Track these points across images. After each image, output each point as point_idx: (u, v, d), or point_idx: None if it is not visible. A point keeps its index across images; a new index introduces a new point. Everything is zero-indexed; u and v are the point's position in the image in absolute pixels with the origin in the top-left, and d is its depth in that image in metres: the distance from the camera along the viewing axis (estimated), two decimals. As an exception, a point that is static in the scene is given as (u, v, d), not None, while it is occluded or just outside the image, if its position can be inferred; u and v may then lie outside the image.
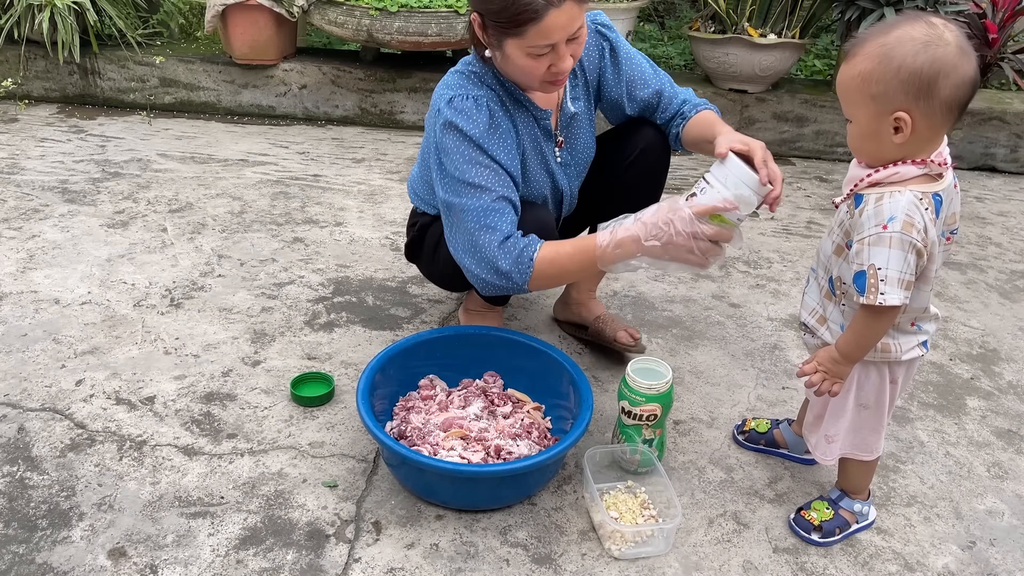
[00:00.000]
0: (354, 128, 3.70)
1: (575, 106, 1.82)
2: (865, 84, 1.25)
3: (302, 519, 1.58)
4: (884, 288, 1.27)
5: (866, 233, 1.28)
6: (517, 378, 1.87)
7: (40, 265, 2.42)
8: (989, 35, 3.83)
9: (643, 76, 1.85)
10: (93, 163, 3.15)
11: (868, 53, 1.25)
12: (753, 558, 1.55)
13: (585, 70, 1.83)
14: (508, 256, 1.61)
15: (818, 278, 1.50)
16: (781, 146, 3.62)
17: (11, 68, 3.70)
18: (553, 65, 1.58)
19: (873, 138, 1.30)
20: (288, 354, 2.07)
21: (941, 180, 1.32)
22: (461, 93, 1.66)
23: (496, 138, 1.67)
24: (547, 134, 1.82)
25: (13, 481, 1.64)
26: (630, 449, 1.69)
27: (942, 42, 1.21)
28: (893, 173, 1.29)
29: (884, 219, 1.27)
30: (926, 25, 1.22)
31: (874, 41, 1.25)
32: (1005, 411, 2.00)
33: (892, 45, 1.23)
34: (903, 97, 1.23)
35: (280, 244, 2.62)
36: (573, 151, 1.88)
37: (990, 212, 3.17)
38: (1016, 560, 1.58)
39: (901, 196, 1.27)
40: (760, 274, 2.59)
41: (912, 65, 1.21)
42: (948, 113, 1.24)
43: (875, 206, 1.28)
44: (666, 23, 4.92)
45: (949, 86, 1.22)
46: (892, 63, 1.22)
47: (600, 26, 1.82)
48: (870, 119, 1.28)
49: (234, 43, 3.58)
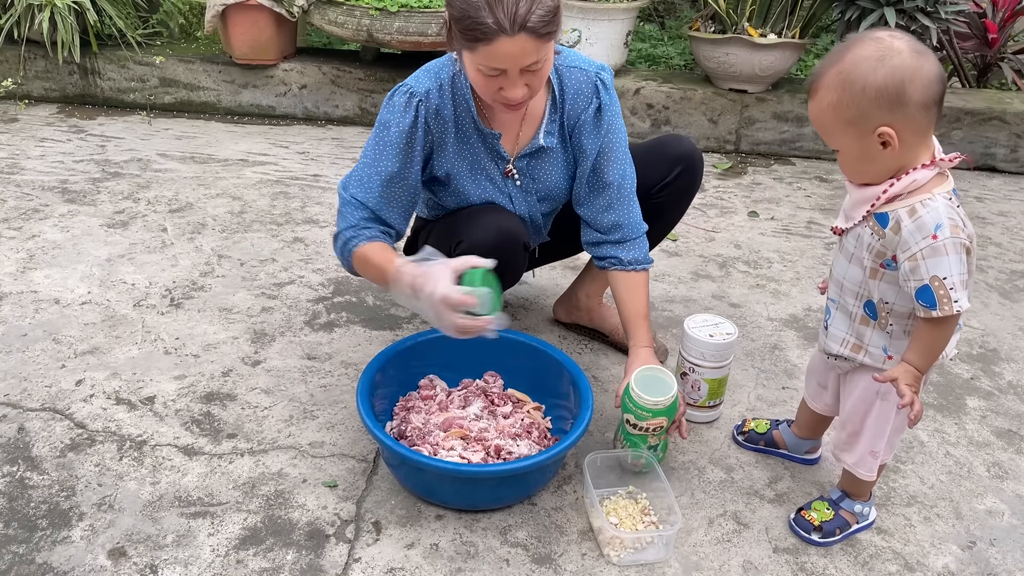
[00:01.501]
0: (354, 128, 3.70)
1: (547, 140, 1.77)
2: (838, 113, 1.28)
3: (302, 519, 1.58)
4: (956, 295, 1.27)
5: (916, 248, 1.28)
6: (517, 378, 1.87)
7: (40, 265, 2.42)
8: (989, 35, 3.84)
9: (614, 154, 1.79)
10: (93, 163, 3.15)
11: (828, 84, 1.28)
12: (753, 558, 1.55)
13: (566, 112, 1.77)
14: (338, 243, 1.72)
15: (845, 307, 1.47)
16: (781, 146, 3.62)
17: (11, 68, 3.70)
18: (504, 89, 1.55)
19: (866, 159, 1.31)
20: (288, 354, 2.07)
21: (949, 177, 1.32)
22: (409, 84, 1.71)
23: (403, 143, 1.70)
24: (495, 154, 1.78)
25: (13, 481, 1.64)
26: (633, 455, 1.68)
27: (894, 52, 1.24)
28: (911, 182, 1.30)
29: (931, 229, 1.27)
30: (874, 42, 1.25)
31: (831, 71, 1.28)
32: (1005, 411, 2.00)
33: (849, 70, 1.25)
34: (879, 113, 1.25)
35: (280, 244, 2.62)
36: (536, 183, 1.83)
37: (990, 212, 3.17)
38: (1016, 560, 1.58)
39: (934, 202, 1.28)
40: (760, 274, 2.59)
41: (875, 82, 1.23)
42: (927, 113, 1.26)
43: (914, 220, 1.28)
44: (666, 23, 4.92)
45: (918, 89, 1.24)
46: (855, 86, 1.25)
47: (600, 83, 1.76)
48: (855, 143, 1.30)
49: (234, 43, 3.58)
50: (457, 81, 1.71)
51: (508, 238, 1.74)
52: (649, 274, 1.86)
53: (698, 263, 2.64)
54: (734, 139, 3.62)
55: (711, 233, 2.86)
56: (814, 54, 4.41)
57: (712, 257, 2.68)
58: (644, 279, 1.83)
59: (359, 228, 1.70)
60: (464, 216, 1.79)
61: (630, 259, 1.83)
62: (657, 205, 1.93)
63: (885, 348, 1.44)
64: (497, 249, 1.68)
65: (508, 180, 1.81)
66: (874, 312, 1.43)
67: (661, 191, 1.93)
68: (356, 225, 1.70)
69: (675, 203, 1.97)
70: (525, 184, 1.83)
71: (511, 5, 1.44)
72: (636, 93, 3.55)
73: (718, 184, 3.30)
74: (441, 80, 1.71)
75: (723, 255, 2.70)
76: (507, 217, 1.78)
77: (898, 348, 1.43)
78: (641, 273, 1.83)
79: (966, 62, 4.04)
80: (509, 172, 1.80)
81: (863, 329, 1.45)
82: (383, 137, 1.71)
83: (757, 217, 3.01)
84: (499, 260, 1.60)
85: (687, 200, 1.99)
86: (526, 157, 1.80)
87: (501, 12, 1.44)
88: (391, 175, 1.70)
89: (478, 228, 1.73)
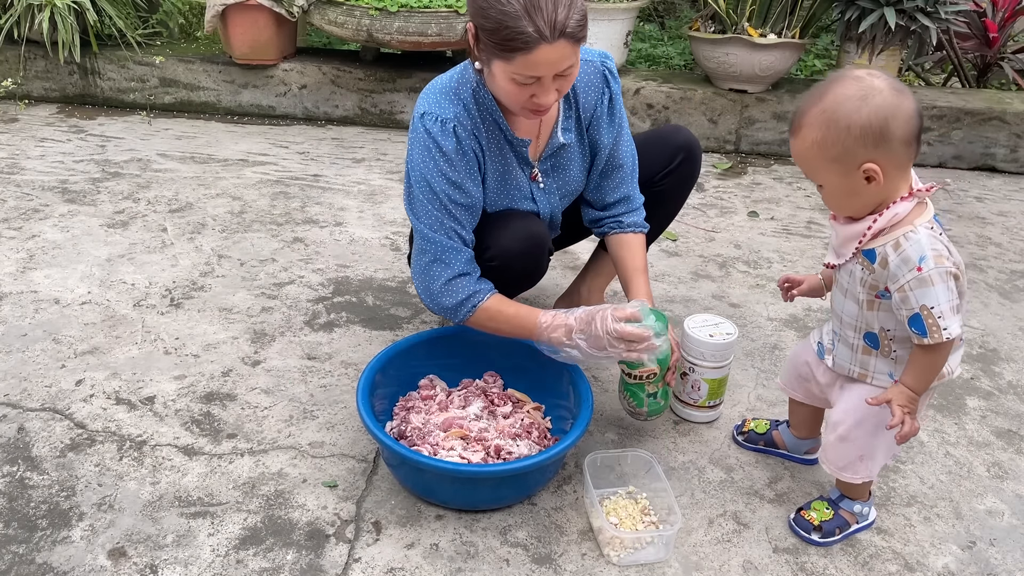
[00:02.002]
0: (354, 128, 3.70)
1: (565, 137, 1.77)
2: (823, 151, 1.31)
3: (302, 519, 1.58)
4: (944, 323, 1.30)
5: (903, 280, 1.32)
6: (517, 378, 1.87)
7: (40, 265, 2.42)
8: (989, 35, 3.84)
9: (623, 143, 1.85)
10: (93, 163, 3.15)
11: (812, 122, 1.31)
12: (753, 558, 1.55)
13: (580, 106, 1.77)
14: (454, 296, 1.68)
15: (846, 339, 1.50)
16: (781, 146, 3.62)
17: (11, 68, 3.70)
18: (536, 96, 1.54)
19: (851, 194, 1.34)
20: (288, 354, 2.07)
21: (929, 205, 1.36)
22: (433, 111, 1.65)
23: (461, 163, 1.66)
24: (523, 161, 1.78)
25: (13, 481, 1.64)
26: (636, 402, 1.73)
27: (875, 90, 1.27)
28: (893, 215, 1.33)
29: (916, 262, 1.30)
30: (854, 80, 1.28)
31: (813, 109, 1.30)
32: (1005, 411, 2.00)
33: (832, 108, 1.28)
34: (863, 151, 1.28)
35: (280, 244, 2.62)
36: (558, 181, 1.85)
37: (990, 212, 3.17)
38: (1016, 560, 1.58)
39: (916, 235, 1.32)
40: (760, 274, 2.59)
41: (859, 120, 1.27)
42: (907, 148, 1.30)
43: (898, 254, 1.32)
44: (666, 23, 4.92)
45: (900, 125, 1.27)
46: (840, 124, 1.28)
47: (608, 72, 1.78)
48: (840, 179, 1.33)
49: (234, 43, 3.58)
50: (479, 96, 1.68)
51: (535, 244, 1.76)
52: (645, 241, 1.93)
53: (698, 263, 2.64)
54: (734, 139, 3.62)
55: (711, 233, 2.86)
56: (814, 54, 4.41)
57: (712, 257, 2.68)
58: (642, 240, 1.89)
59: (472, 279, 1.69)
60: (490, 222, 1.77)
61: (629, 222, 1.89)
62: (659, 193, 1.98)
63: (891, 374, 1.46)
64: (525, 255, 1.73)
65: (534, 184, 1.82)
66: (875, 342, 1.46)
67: (663, 179, 1.98)
68: (467, 274, 1.68)
69: (677, 190, 2.02)
70: (548, 185, 1.84)
71: (550, 13, 1.44)
72: (636, 93, 3.55)
73: (718, 184, 3.30)
74: (464, 101, 1.67)
75: (723, 255, 2.70)
76: (533, 222, 1.79)
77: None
78: (639, 235, 1.89)
79: (966, 62, 4.05)
80: (535, 176, 1.81)
81: (866, 359, 1.48)
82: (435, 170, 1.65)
83: (757, 217, 3.01)
84: (526, 266, 1.67)
85: (688, 188, 2.04)
86: (549, 158, 1.81)
87: (541, 20, 1.44)
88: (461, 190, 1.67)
89: (506, 235, 1.73)
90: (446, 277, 1.67)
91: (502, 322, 1.69)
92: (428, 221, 1.67)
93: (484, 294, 1.69)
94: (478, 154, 1.71)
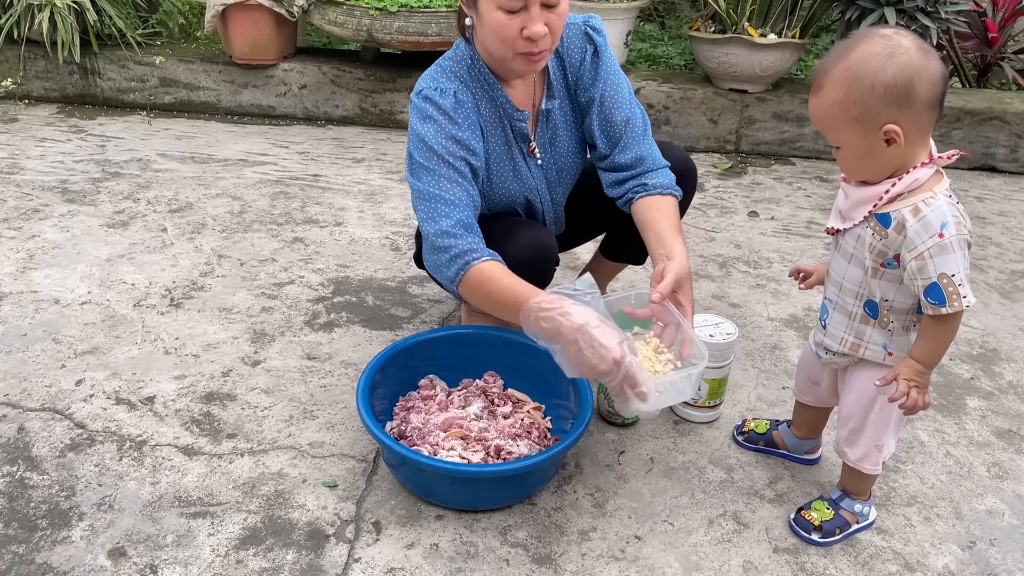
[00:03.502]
0: (354, 128, 3.70)
1: (548, 103, 1.78)
2: (844, 110, 1.27)
3: (302, 519, 1.58)
4: (964, 291, 1.28)
5: (923, 247, 1.29)
6: (517, 378, 1.87)
7: (40, 265, 2.42)
8: (989, 35, 3.84)
9: (619, 96, 1.79)
10: (93, 163, 3.15)
11: (835, 80, 1.27)
12: (753, 558, 1.55)
13: (566, 68, 1.79)
14: (448, 250, 1.59)
15: (844, 307, 1.47)
16: (781, 146, 3.62)
17: (11, 68, 3.70)
18: (526, 28, 1.54)
19: (869, 156, 1.31)
20: (288, 354, 2.07)
21: (944, 175, 1.33)
22: (430, 85, 1.67)
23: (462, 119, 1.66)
24: (521, 136, 1.78)
25: (13, 481, 1.64)
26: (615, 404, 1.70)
27: (902, 49, 1.23)
28: (912, 180, 1.30)
29: (937, 228, 1.27)
30: (881, 39, 1.25)
31: (837, 67, 1.27)
32: (1005, 411, 2.00)
33: (857, 66, 1.25)
34: (886, 111, 1.25)
35: (280, 244, 2.62)
36: (553, 155, 1.84)
37: (990, 212, 3.17)
38: (1016, 560, 1.58)
39: (937, 200, 1.29)
40: (760, 274, 2.59)
41: (884, 79, 1.23)
42: (931, 111, 1.27)
43: (919, 219, 1.29)
44: (666, 23, 4.92)
45: (925, 86, 1.24)
46: (864, 83, 1.24)
47: (590, 29, 1.78)
48: (859, 140, 1.29)
49: (234, 43, 3.58)
50: (474, 71, 1.70)
51: (542, 255, 1.74)
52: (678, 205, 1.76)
53: (698, 263, 2.64)
54: (734, 139, 3.62)
55: (711, 233, 2.86)
56: (814, 54, 4.41)
57: (712, 257, 2.68)
58: (673, 204, 1.74)
59: (472, 235, 1.61)
60: (497, 230, 1.75)
61: (655, 183, 1.76)
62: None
63: (885, 345, 1.44)
64: (531, 266, 1.69)
65: (531, 160, 1.82)
66: (875, 311, 1.43)
67: None
68: (467, 227, 1.60)
69: None
70: (545, 160, 1.83)
71: None
72: (636, 93, 3.54)
73: (718, 184, 3.30)
74: (460, 76, 1.70)
75: (723, 255, 2.70)
76: (541, 232, 1.77)
77: (898, 345, 1.43)
78: (668, 197, 1.75)
79: (966, 62, 4.04)
80: (532, 151, 1.81)
81: (863, 328, 1.46)
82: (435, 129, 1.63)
83: (757, 217, 3.01)
84: (532, 277, 1.59)
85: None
86: (543, 131, 1.81)
87: None
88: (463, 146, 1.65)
89: (513, 244, 1.70)
90: (443, 228, 1.59)
91: (494, 288, 1.55)
92: (428, 179, 1.63)
93: (482, 254, 1.59)
94: (477, 121, 1.71)
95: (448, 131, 1.64)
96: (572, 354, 1.41)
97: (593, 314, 1.42)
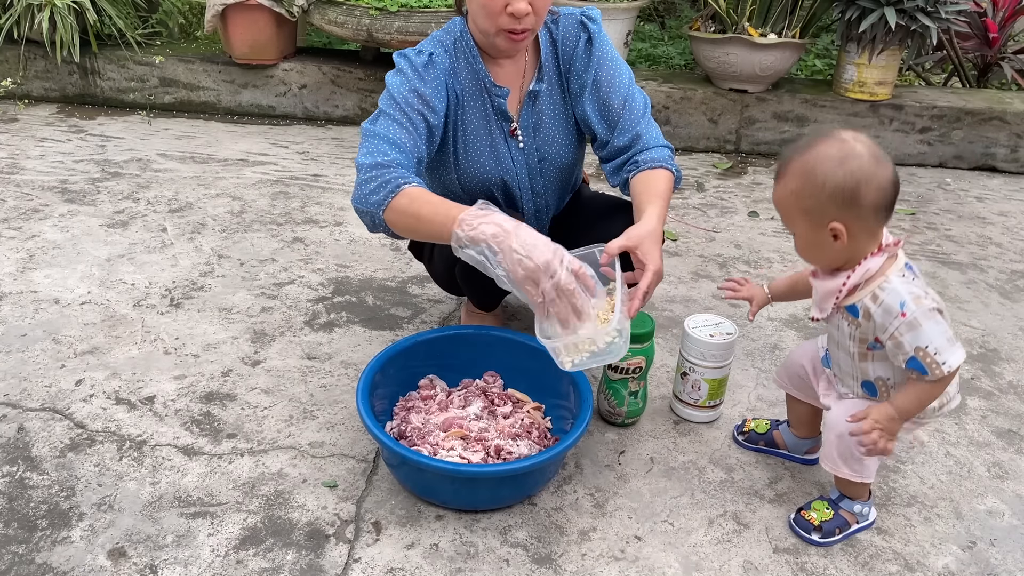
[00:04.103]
0: (354, 128, 3.70)
1: (537, 85, 1.80)
2: (798, 200, 1.37)
3: (302, 519, 1.58)
4: (942, 358, 1.35)
5: (892, 329, 1.37)
6: (517, 378, 1.87)
7: (40, 265, 2.42)
8: (989, 35, 3.84)
9: (616, 80, 1.79)
10: (93, 163, 3.15)
11: (793, 171, 1.37)
12: (753, 558, 1.55)
13: (559, 54, 1.81)
14: (377, 179, 1.59)
15: (847, 386, 1.55)
16: (781, 146, 3.62)
17: (11, 68, 3.70)
18: (510, 5, 1.59)
19: (817, 247, 1.40)
20: (288, 354, 2.07)
21: (899, 256, 1.42)
22: (414, 47, 1.74)
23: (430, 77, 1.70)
24: (500, 113, 1.80)
25: (13, 481, 1.64)
26: (617, 401, 1.77)
27: (855, 155, 1.32)
28: (864, 271, 1.39)
29: (898, 309, 1.36)
30: (839, 142, 1.34)
31: (797, 160, 1.36)
32: (1005, 411, 2.00)
33: (813, 164, 1.34)
34: (833, 209, 1.34)
35: (280, 244, 2.62)
36: (537, 140, 1.84)
37: (990, 212, 3.17)
38: (1016, 560, 1.58)
39: (890, 284, 1.38)
40: (760, 274, 2.59)
41: (834, 180, 1.32)
42: (878, 215, 1.35)
43: (880, 307, 1.38)
44: (666, 23, 4.92)
45: (872, 191, 1.32)
46: (816, 180, 1.33)
47: (586, 18, 1.80)
48: (809, 230, 1.39)
49: (234, 43, 3.58)
50: (460, 44, 1.76)
51: None
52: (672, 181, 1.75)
53: (698, 263, 2.64)
54: (734, 139, 3.62)
55: (711, 233, 2.86)
56: (814, 54, 4.41)
57: (712, 257, 2.68)
58: (663, 175, 1.73)
59: (398, 168, 1.60)
60: None
61: (648, 158, 1.76)
62: None
63: None
64: None
65: (512, 141, 1.83)
66: (873, 390, 1.50)
67: None
68: (392, 167, 1.60)
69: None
70: (527, 144, 1.84)
71: None
72: (636, 93, 3.55)
73: (718, 184, 3.30)
74: (446, 45, 1.76)
75: (723, 255, 2.70)
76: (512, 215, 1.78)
77: None
78: (659, 170, 1.74)
79: (966, 62, 4.05)
80: (513, 131, 1.83)
81: (866, 404, 1.50)
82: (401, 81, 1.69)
83: (757, 217, 3.00)
84: None
85: None
86: (528, 114, 1.83)
87: None
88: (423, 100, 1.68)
89: None
90: (377, 160, 1.60)
91: (424, 207, 1.54)
92: (381, 122, 1.67)
93: (412, 180, 1.59)
94: (451, 88, 1.75)
95: (412, 84, 1.69)
96: (509, 258, 1.43)
97: (524, 224, 1.48)
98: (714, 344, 1.79)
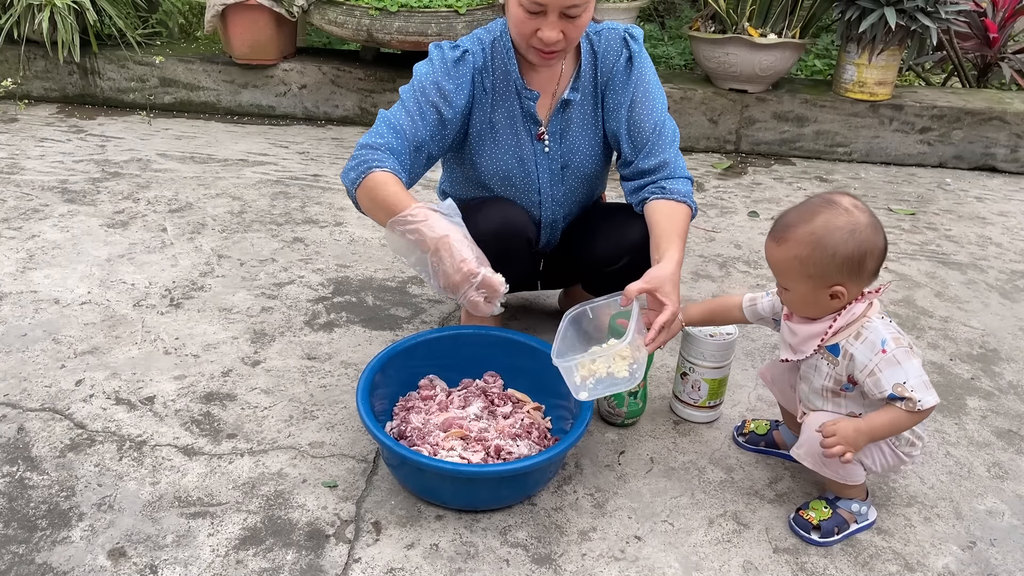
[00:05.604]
0: (354, 128, 3.70)
1: (571, 95, 1.82)
2: (803, 267, 1.44)
3: (302, 519, 1.58)
4: (918, 396, 1.42)
5: (871, 364, 1.44)
6: (517, 378, 1.87)
7: (40, 265, 2.42)
8: (989, 35, 3.84)
9: (651, 104, 1.80)
10: (93, 163, 3.15)
11: (800, 239, 1.43)
12: (753, 558, 1.55)
13: (599, 69, 1.83)
14: (358, 158, 1.67)
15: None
16: (781, 146, 3.62)
17: (11, 68, 3.70)
18: (540, 31, 1.62)
19: (813, 303, 1.49)
20: (288, 354, 2.07)
21: (876, 302, 1.51)
22: (454, 40, 1.79)
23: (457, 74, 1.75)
24: (529, 116, 1.82)
25: (13, 481, 1.64)
26: (616, 402, 1.79)
27: (860, 226, 1.41)
28: (850, 315, 1.48)
29: (879, 346, 1.44)
30: (845, 212, 1.42)
31: (803, 228, 1.43)
32: (1005, 411, 2.00)
33: (821, 234, 1.42)
34: (839, 275, 1.43)
35: (280, 244, 2.62)
36: (564, 147, 1.86)
37: (990, 212, 3.17)
38: (1016, 560, 1.58)
39: (872, 324, 1.47)
40: (760, 274, 2.59)
41: (844, 252, 1.41)
42: (872, 277, 1.47)
43: (861, 343, 1.46)
44: (666, 23, 4.92)
45: (873, 260, 1.44)
46: (827, 251, 1.41)
47: (629, 36, 1.82)
48: (808, 291, 1.47)
49: (234, 43, 3.58)
50: (499, 44, 1.79)
51: (511, 228, 1.79)
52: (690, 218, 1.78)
53: (698, 263, 2.64)
54: (734, 139, 3.62)
55: (711, 233, 2.86)
56: (814, 54, 4.41)
57: (712, 257, 2.68)
58: (683, 211, 1.75)
59: (383, 151, 1.67)
60: (472, 206, 1.82)
61: (673, 188, 1.77)
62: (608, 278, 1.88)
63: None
64: (497, 237, 1.74)
65: (538, 144, 1.85)
66: None
67: (612, 273, 1.88)
68: (378, 150, 1.67)
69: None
70: (552, 150, 1.86)
71: None
72: (636, 93, 3.55)
73: (718, 184, 3.30)
74: (484, 43, 1.79)
75: (723, 255, 2.70)
76: (512, 208, 1.83)
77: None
78: (682, 204, 1.76)
79: (966, 62, 4.05)
80: (541, 135, 1.84)
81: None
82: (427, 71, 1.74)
83: (757, 217, 3.01)
84: (499, 249, 1.64)
85: None
86: (558, 120, 1.84)
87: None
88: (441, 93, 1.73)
89: (481, 217, 1.77)
90: (369, 141, 1.68)
91: (382, 192, 1.61)
92: (396, 108, 1.73)
93: (385, 165, 1.65)
94: (479, 86, 1.78)
95: (435, 76, 1.73)
96: (433, 263, 1.54)
97: (458, 231, 1.56)
98: (714, 344, 1.79)
